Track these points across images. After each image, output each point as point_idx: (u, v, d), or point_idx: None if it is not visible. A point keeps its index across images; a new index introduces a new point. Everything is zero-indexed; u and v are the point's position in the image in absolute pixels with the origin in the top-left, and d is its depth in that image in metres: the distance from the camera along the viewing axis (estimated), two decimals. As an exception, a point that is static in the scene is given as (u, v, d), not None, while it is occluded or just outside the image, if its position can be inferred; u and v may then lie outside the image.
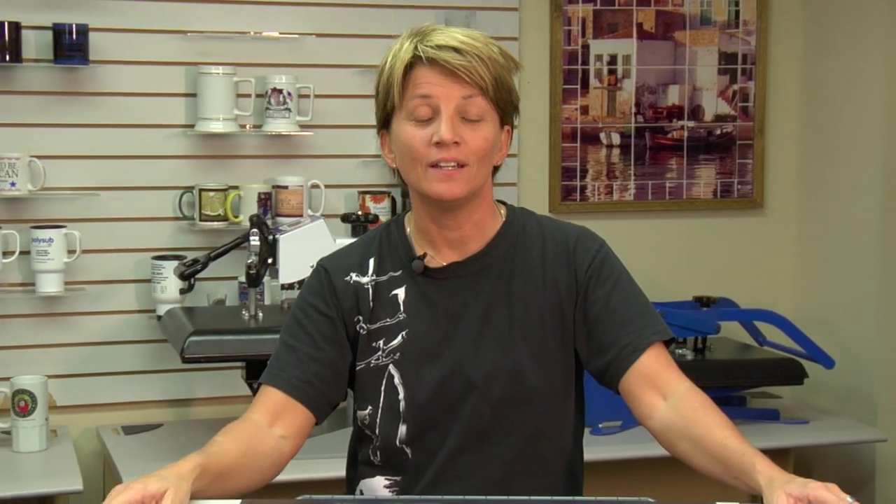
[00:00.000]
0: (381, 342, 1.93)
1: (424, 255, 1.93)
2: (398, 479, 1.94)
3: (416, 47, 1.83)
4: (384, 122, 1.91)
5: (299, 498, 1.74)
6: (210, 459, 1.71)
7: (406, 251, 1.95)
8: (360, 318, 1.94)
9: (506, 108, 1.89)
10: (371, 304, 1.93)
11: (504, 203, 2.01)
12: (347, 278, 1.95)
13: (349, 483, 2.04)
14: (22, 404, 3.14)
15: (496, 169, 1.94)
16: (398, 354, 1.92)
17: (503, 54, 1.88)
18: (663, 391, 1.87)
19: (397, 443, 1.92)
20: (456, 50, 1.81)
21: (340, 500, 1.81)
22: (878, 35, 3.65)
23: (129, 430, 3.39)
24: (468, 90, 1.82)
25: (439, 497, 1.83)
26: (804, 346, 3.56)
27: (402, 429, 1.91)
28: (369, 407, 1.94)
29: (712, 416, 1.82)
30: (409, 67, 1.83)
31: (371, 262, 1.96)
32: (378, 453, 1.94)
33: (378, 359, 1.93)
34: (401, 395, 1.91)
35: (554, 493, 1.88)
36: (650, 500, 1.69)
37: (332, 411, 1.96)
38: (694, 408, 1.84)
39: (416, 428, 1.91)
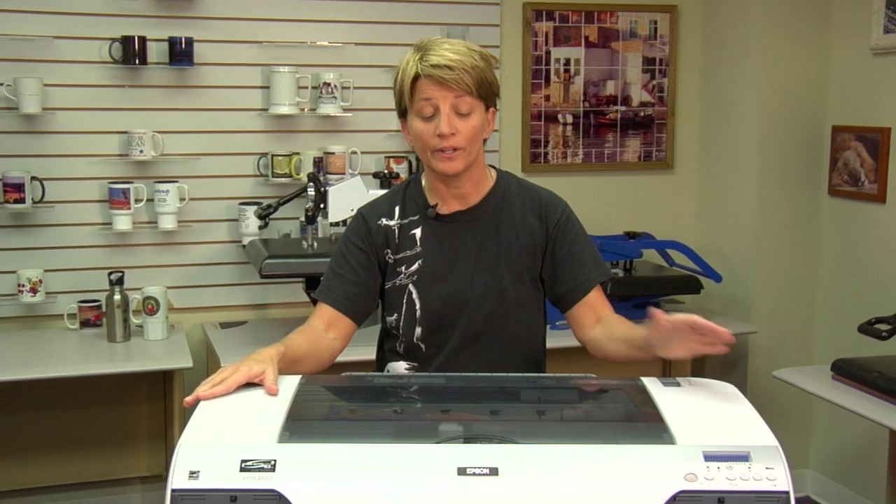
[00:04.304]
0: (403, 268, 1.92)
1: (436, 205, 1.92)
2: (415, 364, 1.96)
3: (417, 65, 1.79)
4: (402, 114, 1.88)
5: (343, 374, 1.74)
6: (288, 349, 1.71)
7: (422, 201, 1.94)
8: (389, 250, 1.93)
9: (489, 97, 1.85)
10: (397, 240, 1.93)
11: (495, 167, 1.99)
12: (379, 222, 1.94)
13: (378, 363, 2.06)
14: (150, 306, 3.16)
15: (485, 140, 1.91)
16: (415, 277, 1.92)
17: (483, 58, 1.83)
18: (598, 316, 1.91)
19: (415, 340, 1.93)
20: (447, 67, 1.78)
21: (373, 376, 1.81)
22: (756, 47, 3.63)
23: (224, 325, 3.41)
24: (458, 93, 1.79)
25: (443, 374, 1.83)
26: (701, 266, 3.57)
27: (418, 330, 1.92)
28: (395, 314, 1.94)
29: (624, 322, 1.86)
30: (414, 80, 1.81)
31: (397, 209, 1.95)
32: (401, 346, 1.95)
33: (401, 280, 1.92)
34: (417, 307, 1.92)
35: None
36: (592, 375, 1.69)
37: (368, 317, 1.96)
38: (613, 321, 1.88)
39: (428, 330, 1.92)
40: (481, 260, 1.91)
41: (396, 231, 1.93)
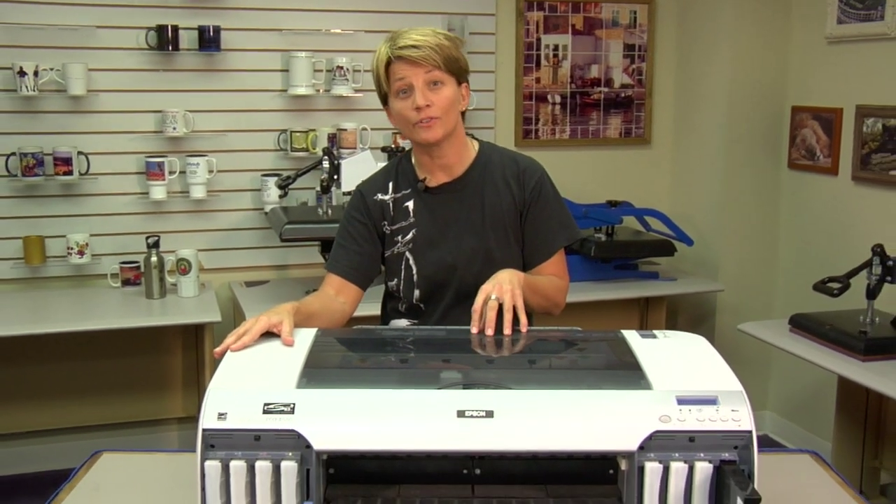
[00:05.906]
0: (400, 237, 1.90)
1: (425, 179, 1.89)
2: (416, 321, 1.94)
3: (388, 50, 1.77)
4: (384, 101, 1.85)
5: (354, 328, 1.73)
6: (302, 306, 1.69)
7: (413, 176, 1.91)
8: (386, 222, 1.91)
9: (458, 73, 1.82)
10: (392, 213, 1.90)
11: (477, 139, 1.96)
12: (375, 197, 1.92)
13: (383, 320, 2.04)
14: (183, 267, 3.15)
15: (464, 114, 1.88)
16: (411, 245, 1.90)
17: (448, 38, 1.80)
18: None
19: (414, 301, 1.91)
20: (414, 47, 1.75)
21: (381, 329, 1.80)
22: (725, 35, 3.60)
23: (249, 284, 3.40)
24: (428, 68, 1.76)
25: (444, 327, 1.82)
26: (675, 231, 3.56)
27: (416, 292, 1.90)
28: (395, 279, 1.92)
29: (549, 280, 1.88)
30: (388, 65, 1.78)
31: (390, 184, 1.92)
32: (403, 306, 1.94)
33: (398, 248, 1.91)
34: (414, 272, 1.90)
35: None
36: (578, 328, 1.68)
37: (372, 282, 1.95)
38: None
39: (425, 292, 1.90)
40: (469, 225, 1.88)
41: (391, 204, 1.91)
